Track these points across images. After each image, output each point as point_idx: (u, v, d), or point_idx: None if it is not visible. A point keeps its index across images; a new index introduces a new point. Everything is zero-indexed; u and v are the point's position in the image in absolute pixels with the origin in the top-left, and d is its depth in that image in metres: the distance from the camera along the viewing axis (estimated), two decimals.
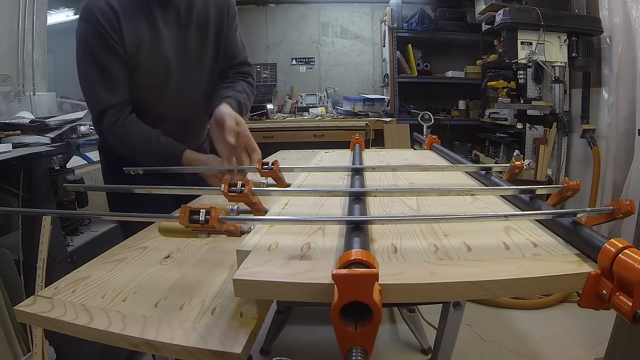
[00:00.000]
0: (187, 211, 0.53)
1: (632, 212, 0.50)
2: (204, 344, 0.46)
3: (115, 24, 0.92)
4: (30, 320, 0.57)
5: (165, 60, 1.03)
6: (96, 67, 0.94)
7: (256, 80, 3.91)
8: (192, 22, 1.05)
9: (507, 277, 0.43)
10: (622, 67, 2.22)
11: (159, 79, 1.04)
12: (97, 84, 0.95)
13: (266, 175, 0.85)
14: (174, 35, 1.03)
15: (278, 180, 0.86)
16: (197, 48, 1.08)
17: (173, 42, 1.03)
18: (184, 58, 1.06)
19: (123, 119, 0.98)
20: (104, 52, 0.93)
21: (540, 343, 1.73)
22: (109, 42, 0.92)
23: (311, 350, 1.75)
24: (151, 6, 0.97)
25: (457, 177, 0.97)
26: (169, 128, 1.06)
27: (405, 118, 3.57)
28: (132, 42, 0.96)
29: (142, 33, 0.97)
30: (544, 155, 2.52)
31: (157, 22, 0.98)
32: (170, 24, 1.01)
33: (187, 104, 1.12)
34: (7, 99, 1.75)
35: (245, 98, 1.06)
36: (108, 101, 0.96)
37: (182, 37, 1.04)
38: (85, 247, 1.49)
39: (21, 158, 1.26)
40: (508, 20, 2.32)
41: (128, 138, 0.98)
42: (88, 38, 0.93)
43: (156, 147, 0.98)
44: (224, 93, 1.03)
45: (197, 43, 1.07)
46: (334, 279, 0.38)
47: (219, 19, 1.09)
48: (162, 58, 1.02)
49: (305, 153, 1.76)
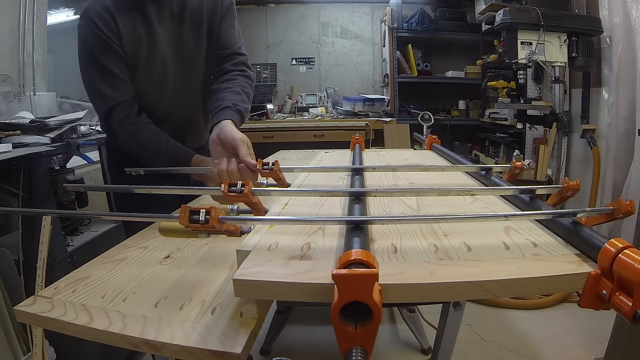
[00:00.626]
0: (187, 211, 0.53)
1: (632, 212, 0.50)
2: (204, 344, 0.46)
3: (112, 25, 0.94)
4: (30, 320, 0.57)
5: (162, 58, 1.03)
6: (99, 68, 0.96)
7: (256, 80, 3.93)
8: (185, 17, 1.04)
9: (507, 277, 0.43)
10: (622, 67, 2.22)
11: (158, 77, 1.04)
12: (102, 83, 0.97)
13: (266, 175, 0.85)
14: (169, 32, 1.03)
15: (279, 181, 0.86)
16: (192, 43, 1.07)
17: (168, 39, 1.03)
18: (180, 54, 1.06)
19: (133, 116, 0.99)
20: (104, 54, 0.94)
21: (540, 343, 1.73)
22: (108, 44, 0.94)
23: (311, 350, 1.74)
24: (145, 4, 0.98)
25: (457, 177, 0.97)
26: (171, 126, 1.08)
27: (405, 118, 3.57)
28: (130, 42, 0.97)
29: (139, 32, 0.98)
30: (544, 155, 2.52)
31: (152, 20, 0.99)
32: (164, 21, 1.02)
33: (186, 101, 1.12)
34: (7, 99, 1.75)
35: (245, 100, 1.02)
36: (116, 99, 0.97)
37: (177, 34, 1.04)
38: (85, 247, 1.49)
39: (21, 158, 1.26)
40: (508, 20, 2.32)
41: (138, 136, 0.99)
42: (88, 41, 0.95)
43: (166, 148, 0.99)
44: (224, 98, 0.99)
45: (191, 38, 1.07)
46: (334, 279, 0.38)
47: (213, 11, 1.08)
48: (159, 56, 1.02)
49: (305, 153, 1.76)
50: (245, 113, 1.00)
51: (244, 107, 1.00)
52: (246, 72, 1.11)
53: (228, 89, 1.03)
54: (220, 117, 0.92)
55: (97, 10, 0.94)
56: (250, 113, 3.72)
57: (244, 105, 1.00)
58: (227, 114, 0.93)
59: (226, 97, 0.99)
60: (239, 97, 1.01)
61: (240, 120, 0.96)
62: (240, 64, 1.11)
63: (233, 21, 1.13)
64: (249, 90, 1.08)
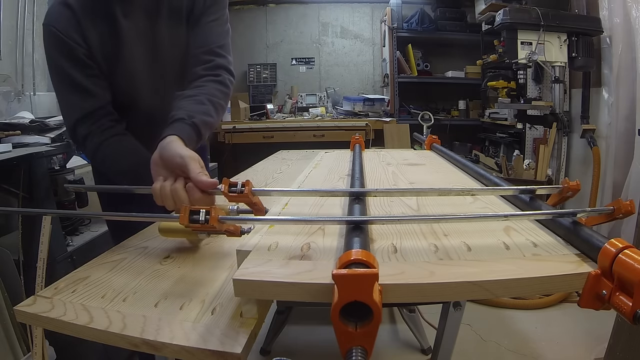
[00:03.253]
0: (187, 211, 0.53)
1: (632, 212, 0.50)
2: (204, 344, 0.46)
3: (73, 22, 0.84)
4: (30, 320, 0.57)
5: (132, 57, 0.91)
6: (63, 76, 0.86)
7: (256, 80, 3.96)
8: (162, 11, 0.92)
9: (507, 277, 0.43)
10: (622, 67, 2.22)
11: (129, 78, 0.93)
12: (66, 93, 0.87)
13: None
14: (141, 29, 0.91)
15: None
16: (168, 39, 0.94)
17: (140, 36, 0.91)
18: (155, 52, 0.94)
19: (100, 132, 0.87)
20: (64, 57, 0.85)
21: (540, 343, 1.73)
22: (68, 45, 0.84)
23: (311, 350, 1.75)
24: (110, 3, 0.87)
25: (457, 178, 0.97)
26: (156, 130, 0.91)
27: (405, 118, 3.57)
28: (96, 43, 0.87)
29: (104, 32, 0.87)
30: (544, 155, 2.52)
31: (118, 18, 0.88)
32: (135, 18, 0.90)
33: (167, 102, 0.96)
34: (7, 99, 1.75)
35: (208, 112, 0.83)
36: (85, 108, 0.87)
37: (151, 30, 0.92)
38: (85, 247, 1.49)
39: (21, 158, 1.27)
40: (508, 20, 2.32)
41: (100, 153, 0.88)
42: (50, 46, 0.85)
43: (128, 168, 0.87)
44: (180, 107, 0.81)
45: (167, 33, 0.94)
46: (334, 279, 0.38)
47: (193, 1, 0.94)
48: (128, 55, 0.91)
49: (305, 153, 1.76)
50: (205, 127, 0.81)
51: (204, 120, 0.81)
52: (220, 77, 0.91)
53: (190, 97, 0.85)
54: (166, 133, 0.74)
55: (59, 9, 0.84)
56: (251, 113, 3.72)
57: (203, 118, 0.81)
58: (175, 129, 0.75)
59: (183, 107, 0.81)
60: (200, 107, 0.82)
61: (194, 136, 0.78)
62: (216, 68, 0.92)
63: (218, 15, 0.96)
64: (219, 100, 0.89)
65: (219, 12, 0.96)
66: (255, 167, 1.48)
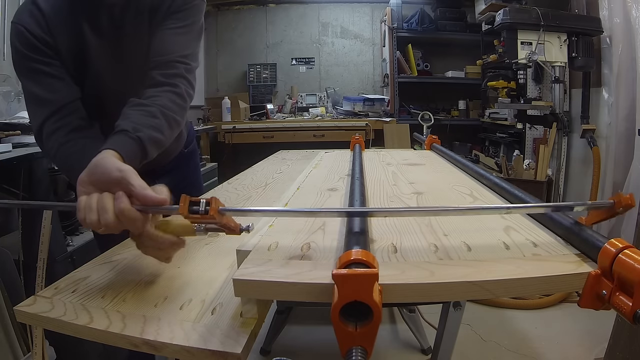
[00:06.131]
0: (187, 201, 0.52)
1: (632, 206, 0.49)
2: (204, 344, 0.46)
3: (41, 21, 0.80)
4: (30, 320, 0.57)
5: (97, 68, 0.87)
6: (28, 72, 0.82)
7: (256, 80, 3.96)
8: (125, 20, 0.86)
9: (507, 277, 0.43)
10: (622, 67, 2.22)
11: (96, 78, 0.87)
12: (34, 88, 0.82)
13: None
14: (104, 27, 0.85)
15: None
16: (132, 49, 0.88)
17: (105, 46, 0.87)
18: (121, 63, 0.89)
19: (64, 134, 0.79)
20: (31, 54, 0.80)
21: (540, 343, 1.73)
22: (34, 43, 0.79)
23: (311, 350, 1.75)
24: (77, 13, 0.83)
25: (457, 179, 0.97)
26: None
27: (405, 118, 3.58)
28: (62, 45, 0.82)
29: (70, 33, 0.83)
30: (544, 155, 2.52)
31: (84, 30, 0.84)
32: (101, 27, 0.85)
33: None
34: (7, 99, 1.75)
35: (158, 127, 0.73)
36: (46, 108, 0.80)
37: (117, 40, 0.87)
38: (85, 247, 1.49)
39: (21, 158, 1.27)
40: (508, 20, 2.32)
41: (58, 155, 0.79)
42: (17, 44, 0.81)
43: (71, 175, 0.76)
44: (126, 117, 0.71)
45: (132, 43, 0.88)
46: (334, 279, 0.38)
47: (156, 8, 0.86)
48: (93, 66, 0.86)
49: (305, 153, 1.76)
50: (152, 145, 0.70)
51: (151, 137, 0.70)
52: (178, 88, 0.80)
53: (142, 106, 0.74)
54: (104, 146, 0.63)
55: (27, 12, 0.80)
56: (251, 113, 3.72)
57: (152, 134, 0.70)
58: (116, 142, 0.64)
59: (130, 117, 0.71)
60: (150, 121, 0.72)
61: (138, 152, 0.67)
62: (175, 76, 0.81)
63: (184, 23, 0.87)
64: (174, 115, 0.77)
65: (188, 19, 0.87)
66: (255, 167, 1.48)
